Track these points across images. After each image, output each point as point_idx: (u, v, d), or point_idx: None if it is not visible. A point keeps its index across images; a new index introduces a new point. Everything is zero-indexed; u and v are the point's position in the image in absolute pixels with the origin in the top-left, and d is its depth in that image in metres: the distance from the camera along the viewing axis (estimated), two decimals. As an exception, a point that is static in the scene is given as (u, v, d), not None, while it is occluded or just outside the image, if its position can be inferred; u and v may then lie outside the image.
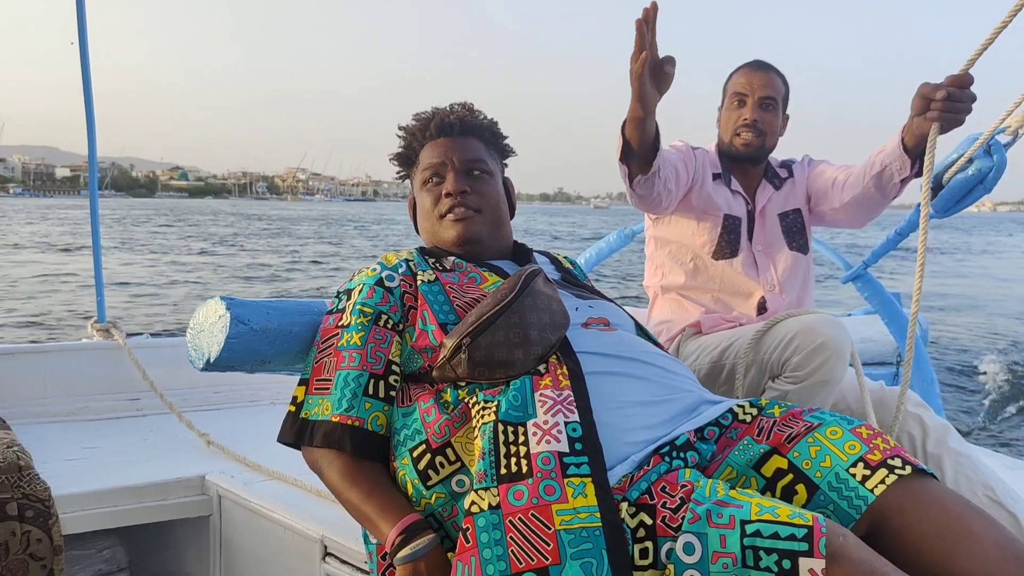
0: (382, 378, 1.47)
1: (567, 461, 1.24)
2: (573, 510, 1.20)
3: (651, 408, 1.41)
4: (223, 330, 1.60)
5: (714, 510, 1.12)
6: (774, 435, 1.36)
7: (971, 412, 6.57)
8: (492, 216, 1.69)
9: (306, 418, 1.47)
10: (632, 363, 1.48)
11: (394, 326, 1.52)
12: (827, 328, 1.84)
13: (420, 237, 1.77)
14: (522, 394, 1.34)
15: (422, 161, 1.72)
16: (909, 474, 1.23)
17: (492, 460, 1.27)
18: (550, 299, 1.50)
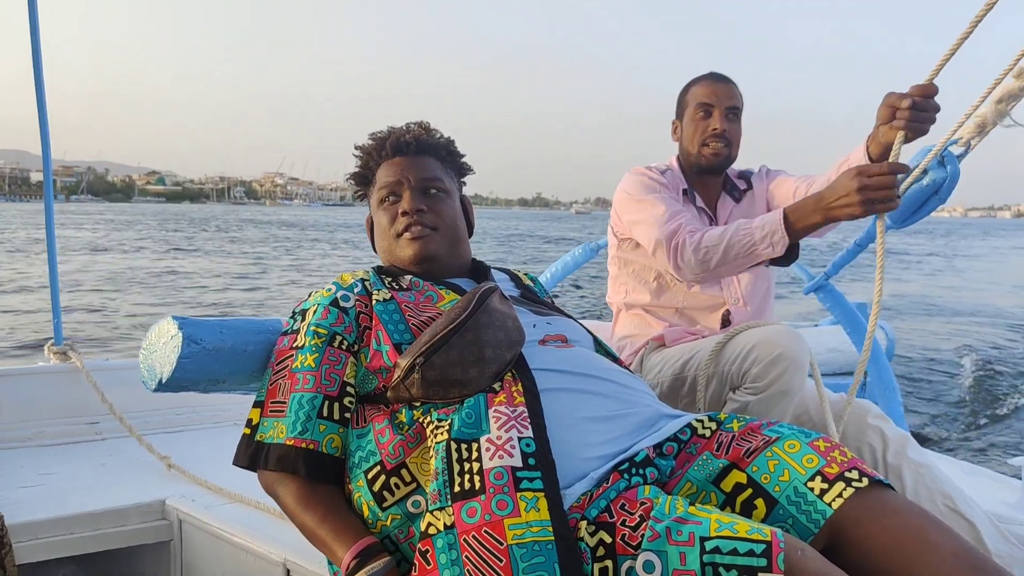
0: (337, 400, 1.46)
1: (520, 475, 1.23)
2: (526, 524, 1.19)
3: (607, 423, 1.40)
4: (175, 350, 1.58)
5: (673, 527, 1.12)
6: (733, 449, 1.36)
7: (943, 420, 6.64)
8: (449, 234, 1.69)
9: (261, 441, 1.45)
10: (588, 379, 1.47)
11: (349, 347, 1.51)
12: (785, 339, 1.84)
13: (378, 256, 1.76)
14: (476, 411, 1.33)
15: (378, 180, 1.72)
16: (866, 486, 1.23)
17: (446, 479, 1.26)
18: (505, 316, 1.49)
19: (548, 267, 3.57)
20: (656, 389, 2.15)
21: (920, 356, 9.73)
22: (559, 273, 3.52)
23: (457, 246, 1.71)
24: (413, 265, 1.66)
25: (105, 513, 2.03)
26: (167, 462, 2.33)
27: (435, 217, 1.66)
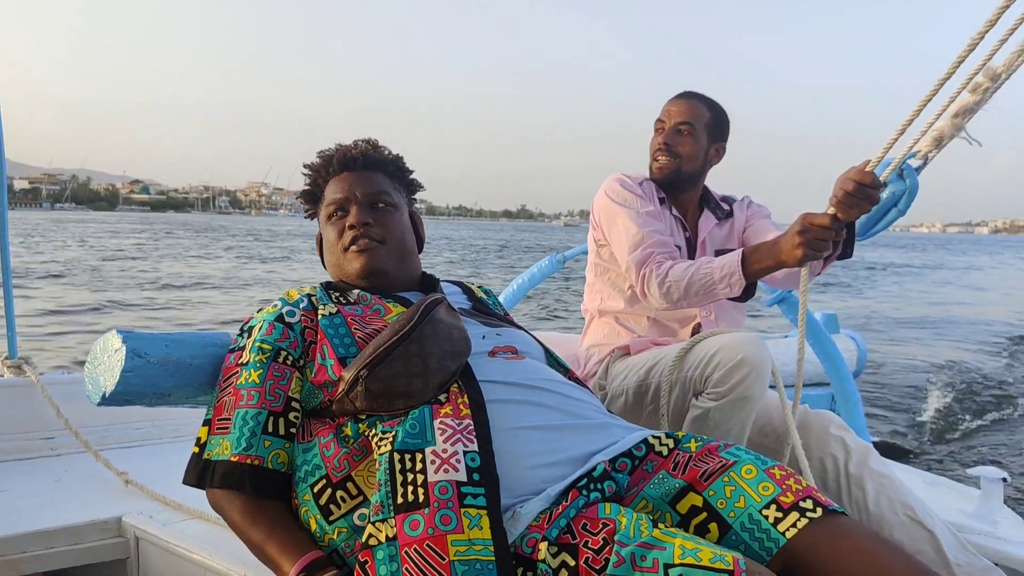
0: (281, 415, 1.45)
1: (464, 491, 1.23)
2: (468, 541, 1.19)
3: (555, 434, 1.40)
4: (119, 363, 1.57)
5: (638, 553, 1.12)
6: (690, 470, 1.37)
7: (913, 431, 6.67)
8: (396, 248, 1.69)
9: (208, 459, 1.44)
10: (537, 391, 1.47)
11: (294, 362, 1.50)
12: (747, 345, 1.85)
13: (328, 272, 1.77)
14: (420, 422, 1.33)
15: (327, 196, 1.73)
16: (820, 516, 1.25)
17: (388, 490, 1.25)
18: (451, 327, 1.49)
19: (515, 279, 3.55)
20: (621, 397, 2.15)
21: (897, 368, 9.79)
22: (525, 284, 3.51)
23: (405, 260, 1.71)
24: (360, 279, 1.66)
25: (59, 531, 1.97)
26: (124, 478, 2.28)
27: (382, 231, 1.67)
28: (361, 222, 1.65)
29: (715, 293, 2.04)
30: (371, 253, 1.65)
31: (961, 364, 10.25)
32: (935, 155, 2.12)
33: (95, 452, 2.36)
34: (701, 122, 2.28)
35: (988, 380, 9.11)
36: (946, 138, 2.05)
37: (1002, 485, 2.26)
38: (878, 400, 7.74)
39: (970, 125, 1.97)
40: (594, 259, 2.42)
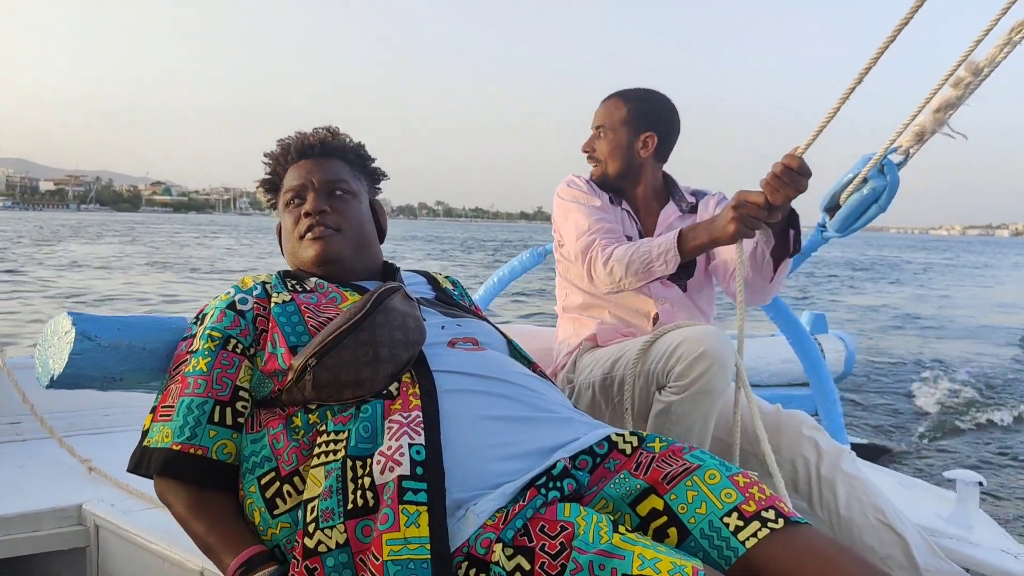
0: (228, 404, 1.41)
1: (405, 486, 1.19)
2: (403, 540, 1.14)
3: (511, 425, 1.35)
4: (68, 345, 1.52)
5: (596, 561, 1.08)
6: (652, 471, 1.32)
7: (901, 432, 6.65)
8: (354, 236, 1.65)
9: (147, 446, 1.40)
10: (495, 382, 1.42)
11: (244, 351, 1.46)
12: (710, 339, 1.81)
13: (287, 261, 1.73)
14: (372, 422, 1.28)
15: (285, 184, 1.70)
16: (781, 527, 1.21)
17: (340, 498, 1.21)
18: (406, 316, 1.45)
19: (494, 272, 3.51)
20: (588, 390, 2.12)
21: (891, 368, 9.77)
22: (506, 278, 3.47)
23: (363, 248, 1.67)
24: (315, 267, 1.62)
25: (18, 517, 1.93)
26: (88, 465, 2.24)
27: (339, 218, 1.63)
28: (317, 209, 1.61)
29: (652, 271, 2.03)
30: (326, 241, 1.60)
31: (957, 364, 10.24)
32: (917, 151, 2.09)
33: (60, 439, 2.32)
34: (614, 119, 2.28)
35: (984, 382, 9.10)
36: (928, 133, 2.02)
37: (978, 489, 2.23)
38: (869, 400, 7.73)
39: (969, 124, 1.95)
40: (557, 257, 2.42)
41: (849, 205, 2.13)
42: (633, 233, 2.27)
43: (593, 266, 2.14)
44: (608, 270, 2.10)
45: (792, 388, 3.76)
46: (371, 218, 1.73)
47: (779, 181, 1.76)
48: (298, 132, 1.73)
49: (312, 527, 1.20)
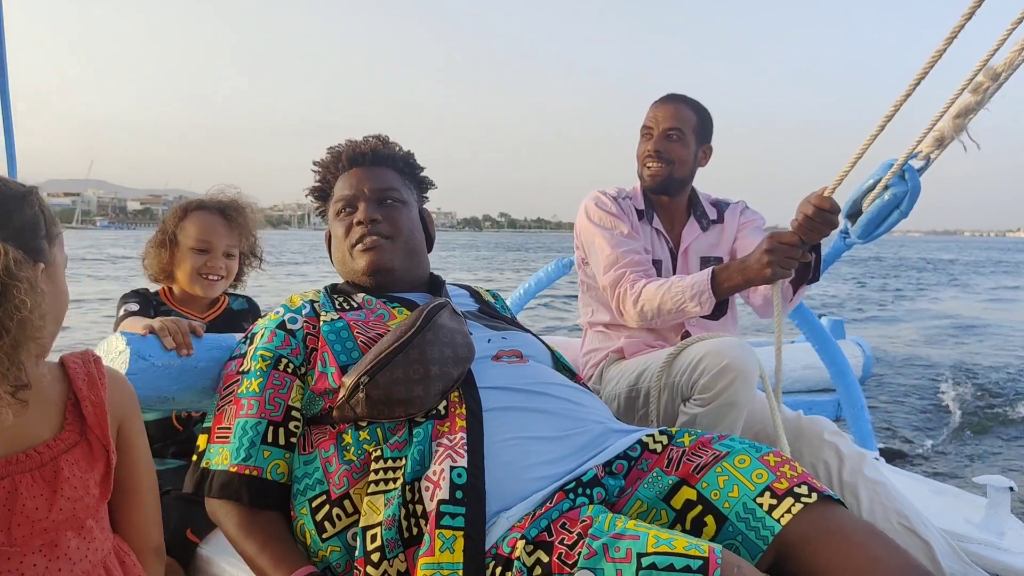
0: (281, 425, 1.41)
1: (443, 510, 1.19)
2: (437, 564, 1.15)
3: (553, 443, 1.35)
4: (123, 366, 1.52)
5: (611, 544, 1.07)
6: (683, 465, 1.32)
7: (927, 436, 6.56)
8: (404, 244, 1.64)
9: (206, 468, 1.41)
10: (538, 396, 1.43)
11: (295, 370, 1.46)
12: (733, 350, 1.81)
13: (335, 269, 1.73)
14: (424, 446, 1.29)
15: (336, 192, 1.69)
16: (815, 502, 1.19)
17: (401, 525, 1.22)
18: (454, 332, 1.45)
19: (521, 283, 3.52)
20: (614, 402, 2.12)
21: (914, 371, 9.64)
22: (532, 288, 3.47)
23: (413, 257, 1.66)
24: (366, 276, 1.61)
25: None
26: None
27: (390, 227, 1.63)
28: (369, 218, 1.61)
29: (686, 311, 2.04)
30: (378, 250, 1.60)
31: (980, 368, 10.08)
32: (937, 156, 2.08)
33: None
34: (689, 126, 2.24)
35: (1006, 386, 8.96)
36: (947, 139, 2.01)
37: (1009, 495, 2.20)
38: (888, 404, 7.64)
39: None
40: (581, 276, 2.41)
41: (871, 211, 2.11)
42: (663, 254, 2.26)
43: (623, 303, 2.13)
44: (639, 309, 2.09)
45: (813, 394, 3.72)
46: (420, 226, 1.72)
47: (812, 223, 1.79)
48: (348, 140, 1.72)
49: (377, 556, 1.21)
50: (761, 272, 1.87)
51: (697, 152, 2.28)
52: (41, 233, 1.11)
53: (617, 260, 2.15)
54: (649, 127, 2.26)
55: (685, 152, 2.24)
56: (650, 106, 2.29)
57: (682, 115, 2.24)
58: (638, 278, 2.12)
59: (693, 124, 2.25)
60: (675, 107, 2.25)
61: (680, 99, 2.27)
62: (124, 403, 1.22)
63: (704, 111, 2.28)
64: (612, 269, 2.15)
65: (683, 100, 2.27)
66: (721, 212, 2.35)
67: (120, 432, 1.21)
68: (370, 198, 1.63)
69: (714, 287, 1.98)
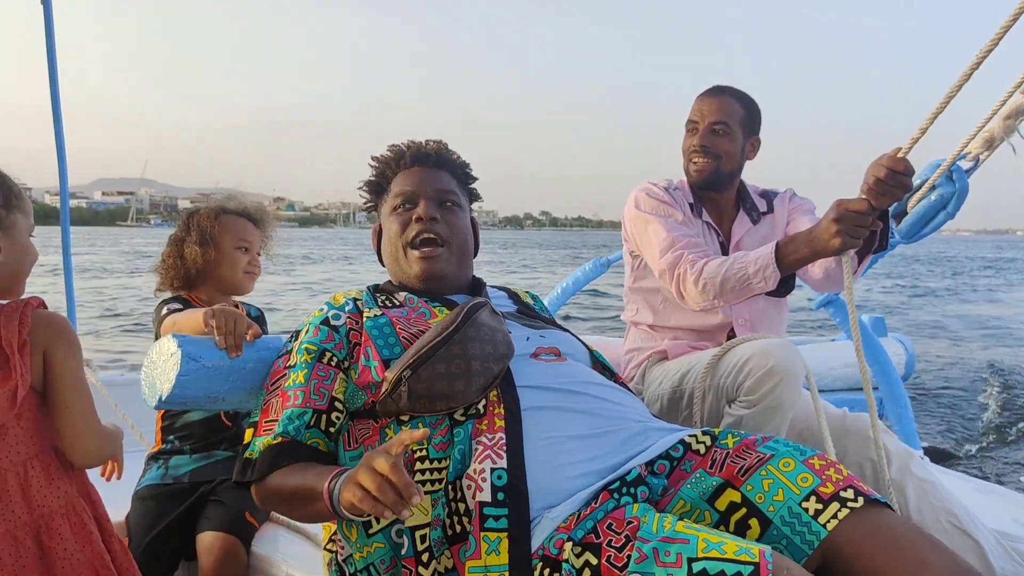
0: (325, 413, 1.44)
1: (486, 512, 1.21)
2: (484, 568, 1.17)
3: (591, 442, 1.36)
4: (174, 367, 1.55)
5: (661, 548, 1.07)
6: (727, 467, 1.31)
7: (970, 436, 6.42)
8: (458, 248, 1.66)
9: (249, 458, 1.43)
10: (576, 396, 1.43)
11: (338, 363, 1.49)
12: (779, 352, 1.77)
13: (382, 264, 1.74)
14: (465, 445, 1.31)
15: (394, 188, 1.69)
16: (862, 506, 1.18)
17: (446, 523, 1.24)
18: (494, 330, 1.46)
19: (558, 283, 3.52)
20: (656, 402, 2.09)
21: (953, 372, 9.42)
22: (569, 288, 3.47)
23: (464, 261, 1.68)
24: (419, 282, 1.62)
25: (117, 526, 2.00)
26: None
27: (447, 229, 1.63)
28: (429, 216, 1.61)
29: (751, 287, 1.93)
30: (434, 260, 1.60)
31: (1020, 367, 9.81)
32: (986, 157, 2.05)
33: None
34: (736, 119, 2.16)
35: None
36: (997, 140, 1.98)
37: None
38: (931, 403, 7.49)
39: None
40: (628, 271, 2.35)
41: (916, 212, 2.09)
42: (714, 248, 2.19)
43: (683, 283, 2.03)
44: (700, 288, 1.99)
45: (855, 392, 3.67)
46: (471, 232, 1.72)
47: (884, 186, 1.67)
48: (411, 140, 1.73)
49: (426, 556, 1.24)
50: (830, 243, 1.77)
51: (744, 145, 2.20)
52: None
53: (673, 243, 2.07)
54: (694, 121, 2.18)
55: (732, 146, 2.16)
56: (695, 99, 2.22)
57: (728, 108, 2.16)
58: (697, 258, 2.03)
59: (740, 117, 2.17)
60: (721, 100, 2.17)
61: (726, 91, 2.19)
62: (47, 336, 1.41)
63: (751, 103, 2.20)
64: (669, 251, 2.07)
65: (729, 92, 2.19)
66: (770, 202, 2.29)
67: (45, 359, 1.41)
68: (431, 197, 1.64)
69: (779, 261, 1.88)
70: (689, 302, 2.05)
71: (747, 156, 2.23)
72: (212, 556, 1.82)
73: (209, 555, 1.83)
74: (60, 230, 2.74)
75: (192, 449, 2.08)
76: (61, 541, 1.38)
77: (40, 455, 1.41)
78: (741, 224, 2.23)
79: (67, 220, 2.79)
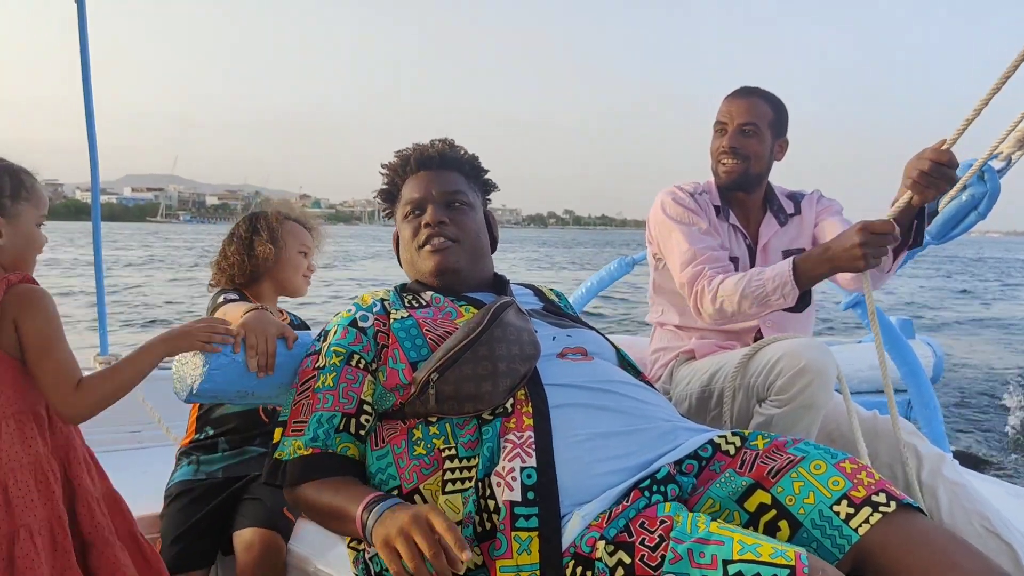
0: (354, 417, 1.44)
1: (517, 512, 1.21)
2: (516, 567, 1.16)
3: (620, 439, 1.35)
4: (205, 361, 1.57)
5: (695, 549, 1.06)
6: (757, 468, 1.30)
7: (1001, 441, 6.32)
8: (470, 246, 1.66)
9: (279, 459, 1.43)
10: (603, 394, 1.42)
11: (366, 366, 1.49)
12: (811, 352, 1.75)
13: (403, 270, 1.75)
14: (494, 443, 1.31)
15: (403, 195, 1.70)
16: (894, 511, 1.17)
17: (473, 523, 1.24)
18: (521, 330, 1.46)
19: (583, 282, 3.50)
20: (684, 402, 2.08)
21: (983, 375, 9.27)
22: (594, 287, 3.45)
23: (478, 259, 1.68)
24: (433, 277, 1.63)
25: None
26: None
27: (457, 229, 1.64)
28: (436, 220, 1.62)
29: (769, 304, 1.93)
30: (445, 252, 1.62)
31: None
32: (1019, 157, 2.01)
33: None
34: (765, 120, 2.14)
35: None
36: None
37: None
38: (960, 407, 7.37)
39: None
40: (653, 273, 2.34)
41: (947, 212, 2.06)
42: (741, 251, 2.18)
43: (700, 300, 2.03)
44: (718, 305, 1.99)
45: (883, 395, 3.62)
46: (486, 228, 1.73)
47: (929, 179, 1.65)
48: (416, 144, 1.74)
49: None
50: (853, 263, 1.77)
51: (773, 147, 2.18)
52: (5, 194, 1.56)
53: (694, 257, 2.07)
54: (723, 122, 2.17)
55: (761, 147, 2.15)
56: (723, 100, 2.20)
57: (757, 109, 2.14)
58: (715, 274, 2.03)
59: (769, 118, 2.15)
60: (749, 101, 2.15)
61: (755, 92, 2.18)
62: (15, 306, 1.54)
63: (779, 104, 2.19)
64: (689, 266, 2.07)
65: (758, 93, 2.17)
66: (797, 204, 2.27)
67: (16, 324, 1.53)
68: (438, 201, 1.65)
69: (797, 278, 1.87)
70: (706, 318, 2.06)
71: (775, 157, 2.21)
72: (252, 552, 1.84)
73: (249, 551, 1.84)
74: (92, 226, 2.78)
75: (228, 442, 2.09)
76: (26, 492, 1.49)
77: (17, 415, 1.52)
78: (768, 226, 2.21)
79: (98, 215, 2.83)
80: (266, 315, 1.68)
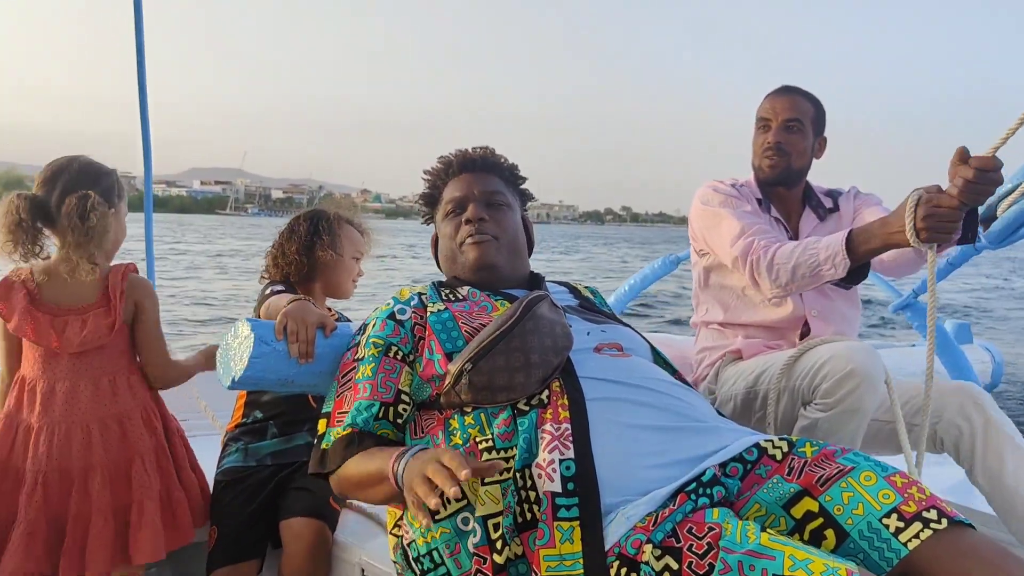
0: (392, 406, 1.46)
1: (559, 503, 1.21)
2: (559, 556, 1.17)
3: (661, 435, 1.33)
4: (247, 350, 1.60)
5: (746, 561, 1.05)
6: (806, 475, 1.27)
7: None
8: (509, 244, 1.69)
9: (324, 449, 1.46)
10: (640, 390, 1.41)
11: (404, 357, 1.51)
12: (858, 355, 1.71)
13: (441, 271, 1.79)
14: (530, 434, 1.30)
15: (445, 196, 1.75)
16: (945, 528, 1.14)
17: (516, 511, 1.25)
18: (553, 323, 1.46)
19: (626, 280, 3.45)
20: (729, 403, 2.05)
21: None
22: (637, 286, 3.40)
23: (516, 257, 1.71)
24: (473, 272, 1.66)
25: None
26: None
27: (496, 227, 1.67)
28: (477, 217, 1.66)
29: (821, 275, 1.86)
30: (485, 246, 1.65)
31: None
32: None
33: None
34: (807, 117, 2.16)
35: None
36: (1097, 141, 1.82)
37: None
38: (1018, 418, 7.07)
39: None
40: (696, 271, 2.33)
41: (1007, 217, 1.97)
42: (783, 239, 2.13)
43: (756, 270, 1.99)
44: (773, 274, 1.95)
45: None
46: (523, 230, 1.77)
47: (973, 187, 1.58)
48: (458, 149, 1.79)
49: (500, 544, 1.24)
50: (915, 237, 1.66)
51: (814, 143, 2.20)
52: (115, 193, 1.91)
53: (744, 230, 2.04)
54: (766, 119, 2.17)
55: (804, 143, 2.16)
56: (765, 97, 2.21)
57: (800, 106, 2.16)
58: (769, 243, 1.99)
59: (811, 115, 2.17)
60: (792, 98, 2.16)
61: (796, 90, 2.19)
62: (139, 292, 1.93)
63: (819, 103, 2.20)
64: (740, 239, 2.04)
65: (799, 92, 2.19)
66: (835, 200, 2.26)
67: (135, 307, 1.93)
68: (479, 199, 1.69)
69: (849, 250, 1.81)
70: (763, 288, 2.02)
71: (815, 154, 2.22)
72: (303, 541, 1.86)
73: (299, 540, 1.86)
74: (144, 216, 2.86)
75: (276, 426, 2.11)
76: (135, 429, 1.88)
77: (126, 369, 1.93)
78: (808, 220, 2.21)
79: (150, 206, 2.92)
80: (307, 305, 1.71)
